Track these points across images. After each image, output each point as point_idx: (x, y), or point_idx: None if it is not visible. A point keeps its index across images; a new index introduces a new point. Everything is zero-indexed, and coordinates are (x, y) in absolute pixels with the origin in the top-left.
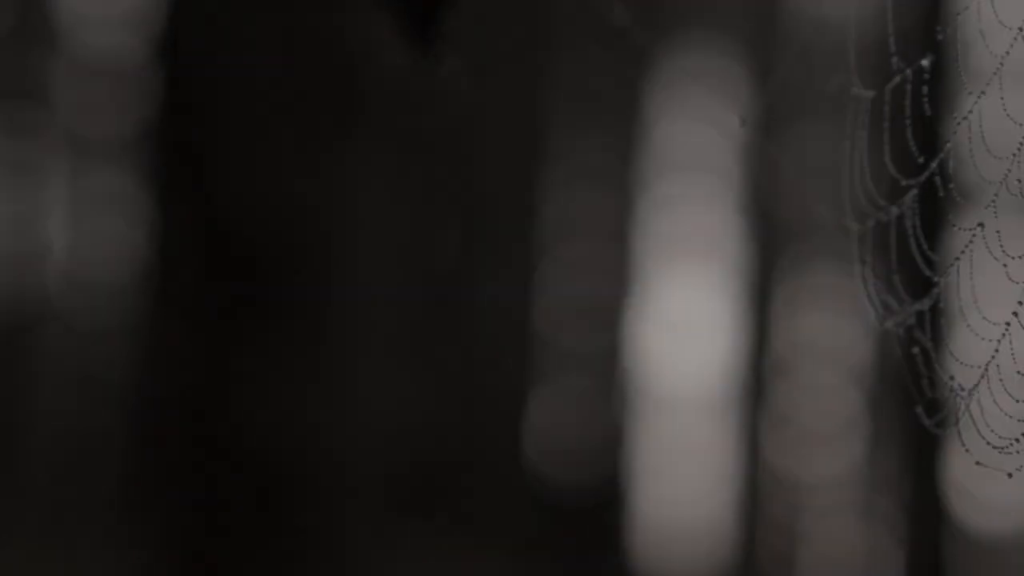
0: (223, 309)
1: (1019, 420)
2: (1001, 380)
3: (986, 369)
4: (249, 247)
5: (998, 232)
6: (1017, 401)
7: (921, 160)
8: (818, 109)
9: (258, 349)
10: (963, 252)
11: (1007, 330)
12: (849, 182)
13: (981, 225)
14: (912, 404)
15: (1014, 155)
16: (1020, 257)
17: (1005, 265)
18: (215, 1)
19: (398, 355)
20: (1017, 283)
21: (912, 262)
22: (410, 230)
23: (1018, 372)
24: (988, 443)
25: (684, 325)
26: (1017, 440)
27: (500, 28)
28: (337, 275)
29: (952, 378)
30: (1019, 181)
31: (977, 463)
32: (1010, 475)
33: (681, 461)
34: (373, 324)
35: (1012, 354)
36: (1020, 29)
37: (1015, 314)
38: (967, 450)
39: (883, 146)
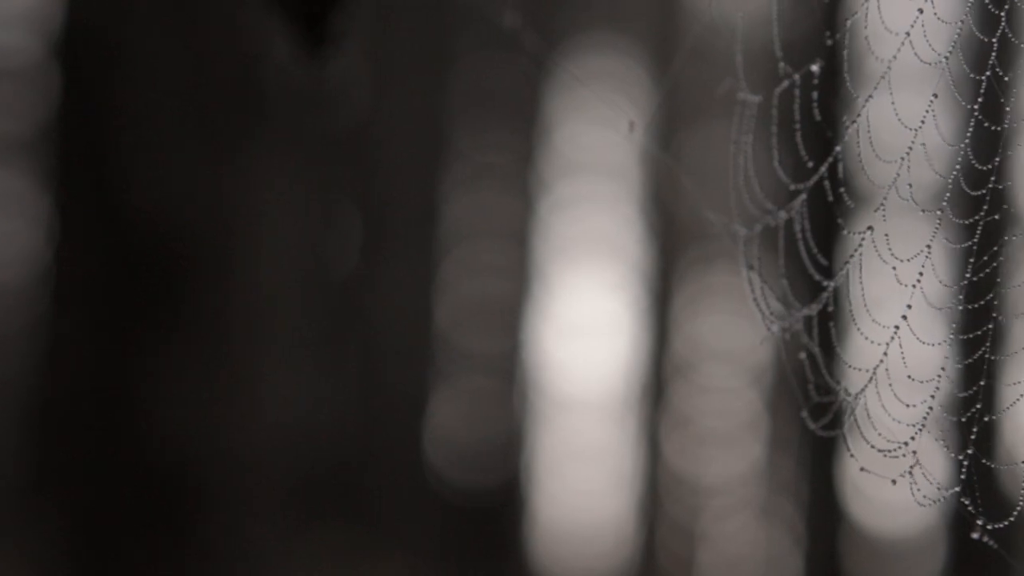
0: (122, 310)
1: (908, 424)
2: (891, 384)
3: (874, 373)
4: (149, 247)
5: (887, 235)
6: (908, 406)
7: (810, 164)
8: (718, 111)
9: (158, 350)
10: (852, 256)
11: (896, 334)
12: (735, 186)
13: (871, 228)
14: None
15: (902, 159)
16: (909, 260)
17: (894, 268)
18: (113, 1)
19: (299, 356)
20: (906, 286)
21: (803, 266)
22: (311, 230)
23: (908, 376)
24: (874, 447)
25: (584, 326)
26: (905, 444)
27: (400, 29)
28: (238, 276)
29: (839, 382)
30: (910, 186)
31: (862, 469)
32: (894, 482)
33: (581, 462)
34: (274, 325)
35: (902, 358)
36: (907, 35)
37: (904, 317)
38: (852, 455)
39: (772, 150)
